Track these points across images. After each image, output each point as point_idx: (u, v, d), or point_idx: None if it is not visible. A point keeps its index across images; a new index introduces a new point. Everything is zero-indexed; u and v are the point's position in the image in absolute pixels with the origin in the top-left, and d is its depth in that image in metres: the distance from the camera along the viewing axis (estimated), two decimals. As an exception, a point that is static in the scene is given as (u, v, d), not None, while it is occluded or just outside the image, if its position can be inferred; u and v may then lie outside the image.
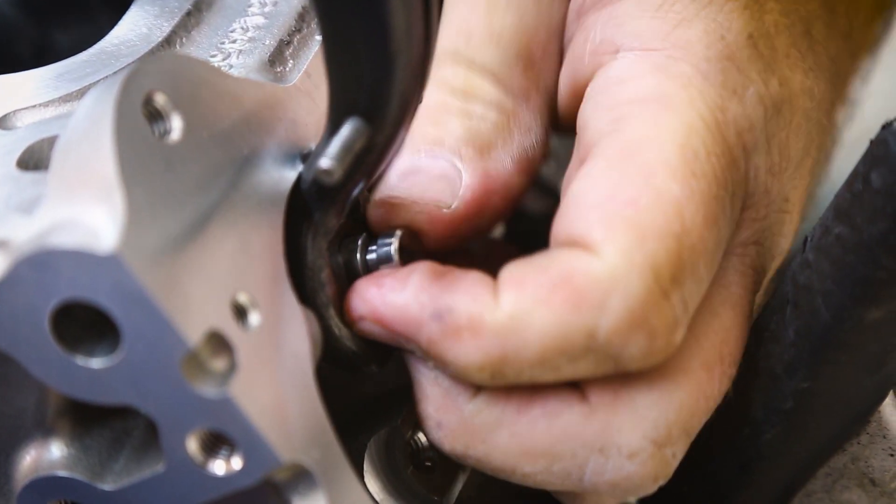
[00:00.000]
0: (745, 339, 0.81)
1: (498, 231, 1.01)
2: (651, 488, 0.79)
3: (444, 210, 0.79)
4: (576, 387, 0.77)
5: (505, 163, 0.81)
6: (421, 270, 0.77)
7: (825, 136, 0.86)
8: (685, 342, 0.77)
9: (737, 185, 0.78)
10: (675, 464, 0.78)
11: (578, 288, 0.73)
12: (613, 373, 0.76)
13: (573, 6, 0.85)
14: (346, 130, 0.72)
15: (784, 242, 0.84)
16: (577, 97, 0.82)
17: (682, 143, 0.75)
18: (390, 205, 0.80)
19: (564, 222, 0.76)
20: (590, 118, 0.79)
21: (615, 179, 0.75)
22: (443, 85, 0.82)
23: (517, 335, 0.73)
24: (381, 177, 0.81)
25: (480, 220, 0.81)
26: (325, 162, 0.71)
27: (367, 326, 0.77)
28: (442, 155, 0.80)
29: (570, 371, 0.75)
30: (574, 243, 0.74)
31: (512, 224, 1.00)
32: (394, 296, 0.76)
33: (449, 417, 0.79)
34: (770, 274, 0.84)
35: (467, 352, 0.74)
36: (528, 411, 0.77)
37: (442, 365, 0.76)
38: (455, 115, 0.81)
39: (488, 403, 0.78)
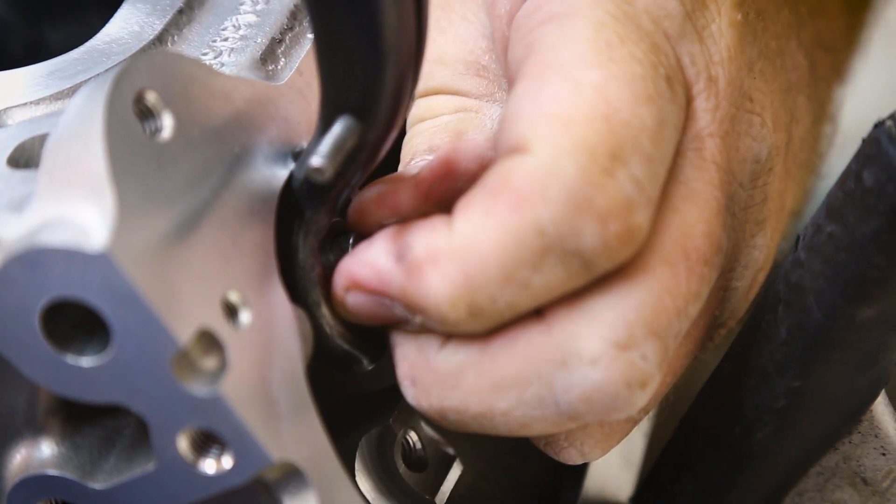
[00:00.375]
0: (717, 236, 0.78)
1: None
2: (626, 396, 0.74)
3: (412, 179, 0.78)
4: (538, 312, 0.76)
5: (476, 140, 0.82)
6: (388, 228, 0.77)
7: (792, 58, 0.85)
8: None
9: (670, 69, 0.77)
10: (651, 369, 0.74)
11: (516, 188, 0.72)
12: (588, 279, 0.74)
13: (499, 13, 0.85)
14: (337, 129, 0.71)
15: (756, 147, 0.83)
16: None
17: (591, 37, 0.75)
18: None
19: (497, 140, 0.76)
20: (510, 56, 0.80)
21: (536, 88, 0.75)
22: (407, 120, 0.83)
23: (473, 253, 0.73)
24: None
25: (450, 181, 0.78)
26: (316, 160, 0.71)
27: (355, 300, 0.77)
28: (413, 164, 0.82)
29: (540, 283, 0.73)
30: (507, 151, 0.74)
31: None
32: (363, 253, 0.76)
33: (421, 372, 0.78)
34: (747, 185, 0.82)
35: (432, 285, 0.73)
36: (490, 346, 0.76)
37: (421, 313, 0.75)
38: (418, 135, 0.83)
39: (455, 350, 0.77)
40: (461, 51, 0.86)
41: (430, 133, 0.83)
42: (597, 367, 0.74)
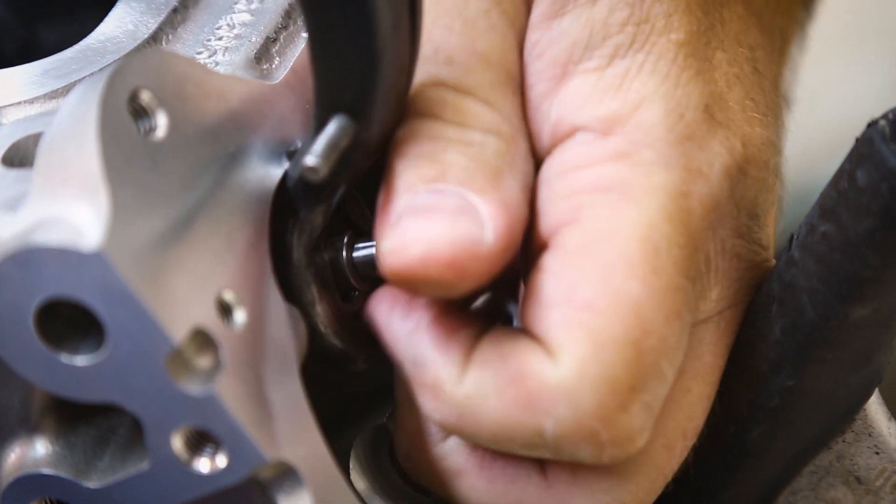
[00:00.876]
0: (710, 405, 0.80)
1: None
2: None
3: (482, 246, 0.72)
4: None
5: (515, 191, 0.75)
6: (427, 309, 0.75)
7: (777, 162, 0.84)
8: None
9: (699, 267, 0.76)
10: None
11: (530, 389, 0.72)
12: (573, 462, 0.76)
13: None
14: (331, 128, 0.71)
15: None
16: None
17: (642, 237, 0.73)
18: (412, 254, 0.72)
19: (527, 315, 0.75)
20: (546, 204, 0.76)
21: (574, 278, 0.73)
22: (429, 115, 0.75)
23: (471, 415, 0.74)
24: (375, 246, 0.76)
25: (510, 254, 0.74)
26: (310, 160, 0.71)
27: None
28: (448, 190, 0.73)
29: (527, 454, 0.75)
30: (535, 340, 0.74)
31: None
32: (395, 324, 0.76)
33: (418, 454, 0.80)
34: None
35: (428, 407, 0.75)
36: (490, 469, 0.78)
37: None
38: (451, 145, 0.74)
39: (455, 450, 0.78)
40: (506, 58, 0.78)
41: (463, 156, 0.74)
42: None
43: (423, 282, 0.71)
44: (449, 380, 0.74)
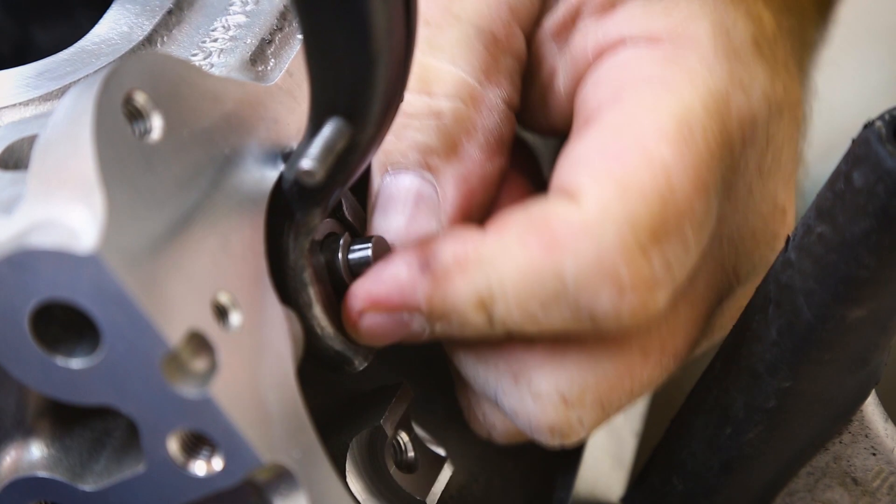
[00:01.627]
0: (696, 336, 0.82)
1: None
2: (546, 439, 0.80)
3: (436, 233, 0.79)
4: None
5: (474, 156, 0.80)
6: (404, 248, 0.78)
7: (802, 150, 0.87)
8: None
9: (730, 171, 0.78)
10: (580, 431, 0.79)
11: (553, 231, 0.74)
12: (590, 329, 0.76)
13: (559, 14, 0.84)
14: (327, 130, 0.71)
15: (771, 259, 0.84)
16: (572, 91, 0.83)
17: (679, 116, 0.76)
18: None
19: (556, 175, 0.77)
20: (590, 93, 0.80)
21: (608, 140, 0.76)
22: None
23: (498, 268, 0.74)
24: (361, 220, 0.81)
25: (472, 217, 0.81)
26: (306, 163, 0.71)
27: (371, 321, 0.78)
28: (410, 172, 0.80)
29: (547, 322, 0.75)
30: (561, 192, 0.75)
31: None
32: (381, 272, 0.77)
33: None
34: (747, 288, 0.84)
35: (458, 289, 0.75)
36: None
37: (442, 320, 0.77)
38: (412, 119, 0.80)
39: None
40: (480, 16, 0.82)
41: (423, 132, 0.81)
42: (536, 402, 0.78)
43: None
44: (470, 245, 0.75)
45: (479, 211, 0.82)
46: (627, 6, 0.82)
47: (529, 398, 0.78)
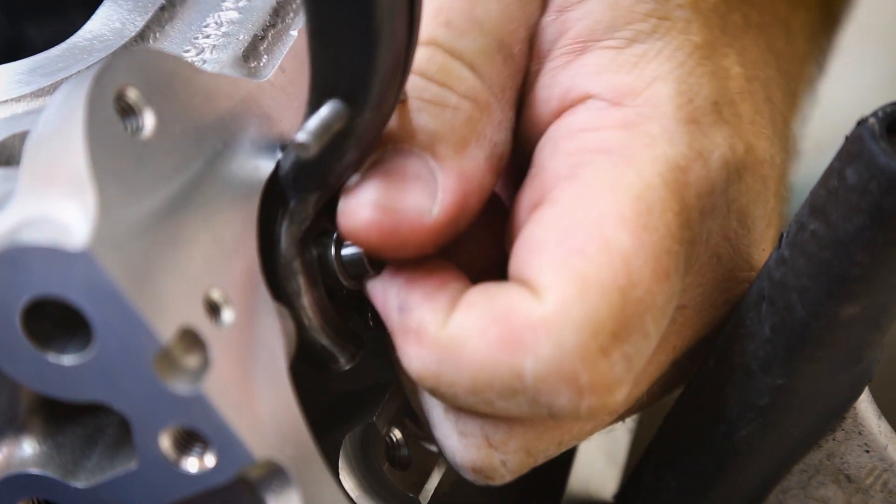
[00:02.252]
0: (638, 394, 0.81)
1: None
2: (469, 476, 0.80)
3: (425, 217, 0.77)
4: None
5: (479, 160, 0.79)
6: (417, 265, 0.77)
7: (782, 205, 0.86)
8: None
9: (691, 248, 0.77)
10: (504, 473, 0.79)
11: (513, 328, 0.73)
12: (547, 418, 0.76)
13: (536, 46, 0.83)
14: (325, 110, 0.72)
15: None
16: (535, 135, 0.81)
17: (637, 195, 0.75)
18: (359, 218, 0.77)
19: (516, 261, 0.76)
20: (548, 160, 0.78)
21: (566, 225, 0.75)
22: (416, 70, 0.78)
23: (453, 357, 0.74)
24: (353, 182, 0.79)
25: (458, 225, 0.78)
26: (301, 135, 0.71)
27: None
28: (413, 152, 0.78)
29: (503, 408, 0.75)
30: (522, 282, 0.75)
31: None
32: (386, 278, 0.77)
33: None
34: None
35: (410, 355, 0.75)
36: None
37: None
38: (428, 105, 0.79)
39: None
40: (503, 28, 0.81)
41: (436, 119, 0.78)
42: (460, 440, 0.79)
43: (366, 244, 0.76)
44: (434, 321, 0.75)
45: (468, 218, 0.79)
46: (597, 52, 0.80)
47: (456, 434, 0.79)
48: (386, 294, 0.77)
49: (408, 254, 0.77)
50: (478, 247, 0.82)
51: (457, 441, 0.79)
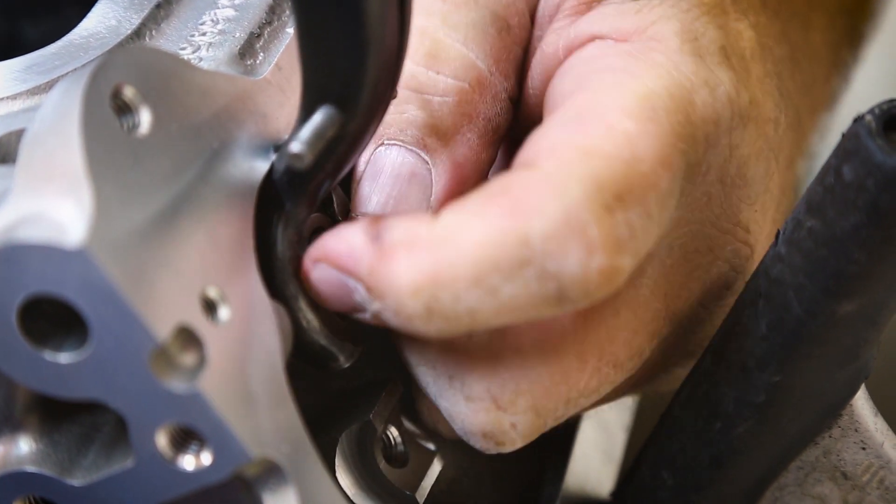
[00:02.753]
0: (639, 347, 0.80)
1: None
2: (479, 444, 0.78)
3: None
4: None
5: (472, 143, 0.79)
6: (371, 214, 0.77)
7: (787, 181, 0.85)
8: (570, 326, 0.76)
9: (695, 163, 0.77)
10: (514, 437, 0.77)
11: (514, 195, 0.71)
12: (554, 305, 0.72)
13: (540, 12, 0.84)
14: (318, 117, 0.71)
15: (733, 277, 0.83)
16: (541, 96, 0.82)
17: (643, 97, 0.74)
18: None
19: (517, 157, 0.75)
20: (556, 86, 0.79)
21: (570, 118, 0.74)
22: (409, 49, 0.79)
23: (450, 247, 0.71)
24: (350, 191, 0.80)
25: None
26: (295, 146, 0.71)
27: (320, 273, 0.75)
28: (405, 146, 0.79)
29: (508, 295, 0.71)
30: (520, 165, 0.74)
31: None
32: (343, 231, 0.75)
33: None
34: (712, 310, 0.83)
35: (400, 270, 0.71)
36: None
37: (380, 299, 0.73)
38: (416, 96, 0.79)
39: None
40: (498, 1, 0.82)
41: (424, 109, 0.79)
42: (468, 405, 0.77)
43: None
44: (423, 224, 0.72)
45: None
46: (602, 7, 0.81)
47: (462, 400, 0.77)
48: (352, 240, 0.74)
49: None
50: None
51: (464, 407, 0.77)
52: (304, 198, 0.76)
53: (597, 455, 1.03)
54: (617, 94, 0.75)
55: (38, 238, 0.63)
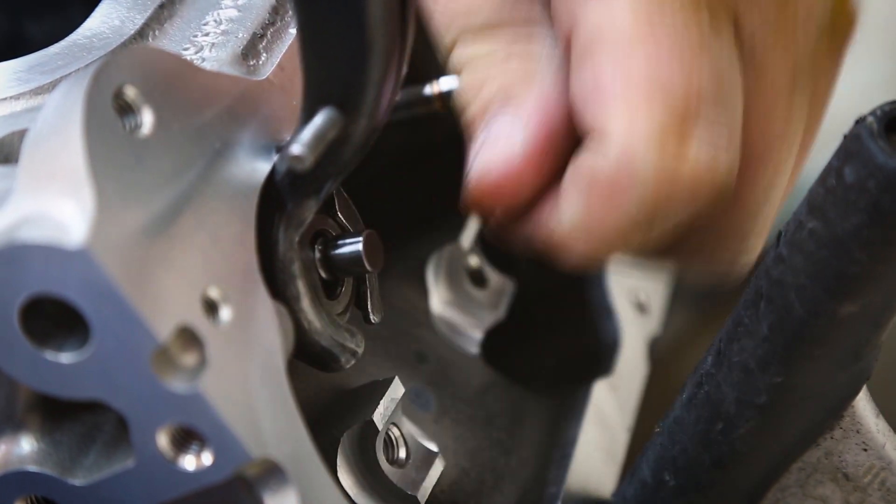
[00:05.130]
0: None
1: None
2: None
3: (514, 157, 0.79)
4: None
5: (547, 80, 0.80)
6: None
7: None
8: None
9: (712, 9, 0.78)
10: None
11: (605, 180, 0.75)
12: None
13: None
14: (319, 119, 0.72)
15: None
16: None
17: (632, 9, 0.75)
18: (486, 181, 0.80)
19: (587, 111, 0.77)
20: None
21: (589, 68, 0.76)
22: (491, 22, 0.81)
23: (581, 241, 0.77)
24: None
25: (556, 146, 0.80)
26: (296, 148, 0.71)
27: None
28: (497, 117, 0.80)
29: (658, 233, 0.78)
30: (592, 133, 0.76)
31: None
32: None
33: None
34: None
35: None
36: None
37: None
38: (479, 71, 0.80)
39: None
40: None
41: (497, 70, 0.80)
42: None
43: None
44: (549, 222, 0.78)
45: (561, 146, 0.80)
46: None
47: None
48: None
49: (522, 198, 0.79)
50: None
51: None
52: (306, 199, 0.76)
53: (599, 455, 1.03)
54: (610, 26, 0.76)
55: (39, 238, 0.63)
